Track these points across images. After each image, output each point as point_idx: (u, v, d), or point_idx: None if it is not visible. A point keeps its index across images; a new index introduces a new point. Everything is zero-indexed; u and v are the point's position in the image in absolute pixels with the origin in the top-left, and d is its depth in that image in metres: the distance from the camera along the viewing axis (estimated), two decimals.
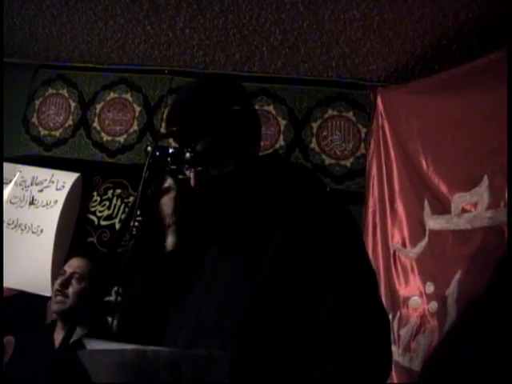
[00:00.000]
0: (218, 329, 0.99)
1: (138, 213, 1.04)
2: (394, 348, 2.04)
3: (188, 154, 1.04)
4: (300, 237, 1.01)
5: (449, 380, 1.69)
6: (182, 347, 1.00)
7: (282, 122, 2.69)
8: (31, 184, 2.70)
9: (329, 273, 0.98)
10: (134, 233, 1.04)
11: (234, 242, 1.08)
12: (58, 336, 2.02)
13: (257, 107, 2.71)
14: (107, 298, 2.03)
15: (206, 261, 1.10)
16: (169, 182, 1.13)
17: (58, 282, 2.08)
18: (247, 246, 1.05)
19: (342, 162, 2.59)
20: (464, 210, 1.85)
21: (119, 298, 1.49)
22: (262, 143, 1.21)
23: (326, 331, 0.96)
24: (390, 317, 2.12)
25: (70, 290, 2.05)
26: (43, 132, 2.99)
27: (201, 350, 0.88)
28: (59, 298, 2.04)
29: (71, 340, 1.97)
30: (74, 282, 2.07)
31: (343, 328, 0.95)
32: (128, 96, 2.92)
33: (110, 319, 2.41)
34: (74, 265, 2.13)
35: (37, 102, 3.04)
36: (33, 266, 2.54)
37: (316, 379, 0.93)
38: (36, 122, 3.02)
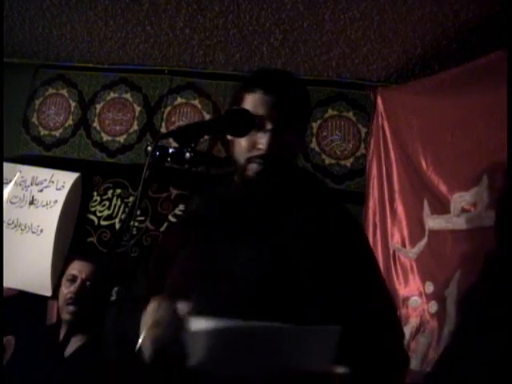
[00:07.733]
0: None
1: (139, 213, 1.05)
2: None
3: (188, 154, 1.05)
4: (310, 227, 1.10)
5: (449, 380, 1.69)
6: None
7: None
8: (31, 184, 2.70)
9: (335, 262, 1.07)
10: (134, 233, 1.04)
11: (251, 230, 1.14)
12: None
13: None
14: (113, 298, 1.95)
15: (226, 248, 1.15)
16: None
17: (72, 289, 1.94)
18: (262, 235, 1.12)
19: (342, 162, 2.59)
20: (464, 210, 1.85)
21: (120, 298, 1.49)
22: None
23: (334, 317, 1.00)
24: None
25: (86, 300, 1.93)
26: (43, 132, 2.99)
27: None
28: (72, 307, 1.92)
29: (75, 347, 1.96)
30: (88, 290, 1.95)
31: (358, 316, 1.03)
32: (128, 96, 2.92)
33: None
34: (85, 271, 1.99)
35: (37, 102, 3.04)
36: (33, 265, 2.54)
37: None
38: (36, 122, 3.02)
